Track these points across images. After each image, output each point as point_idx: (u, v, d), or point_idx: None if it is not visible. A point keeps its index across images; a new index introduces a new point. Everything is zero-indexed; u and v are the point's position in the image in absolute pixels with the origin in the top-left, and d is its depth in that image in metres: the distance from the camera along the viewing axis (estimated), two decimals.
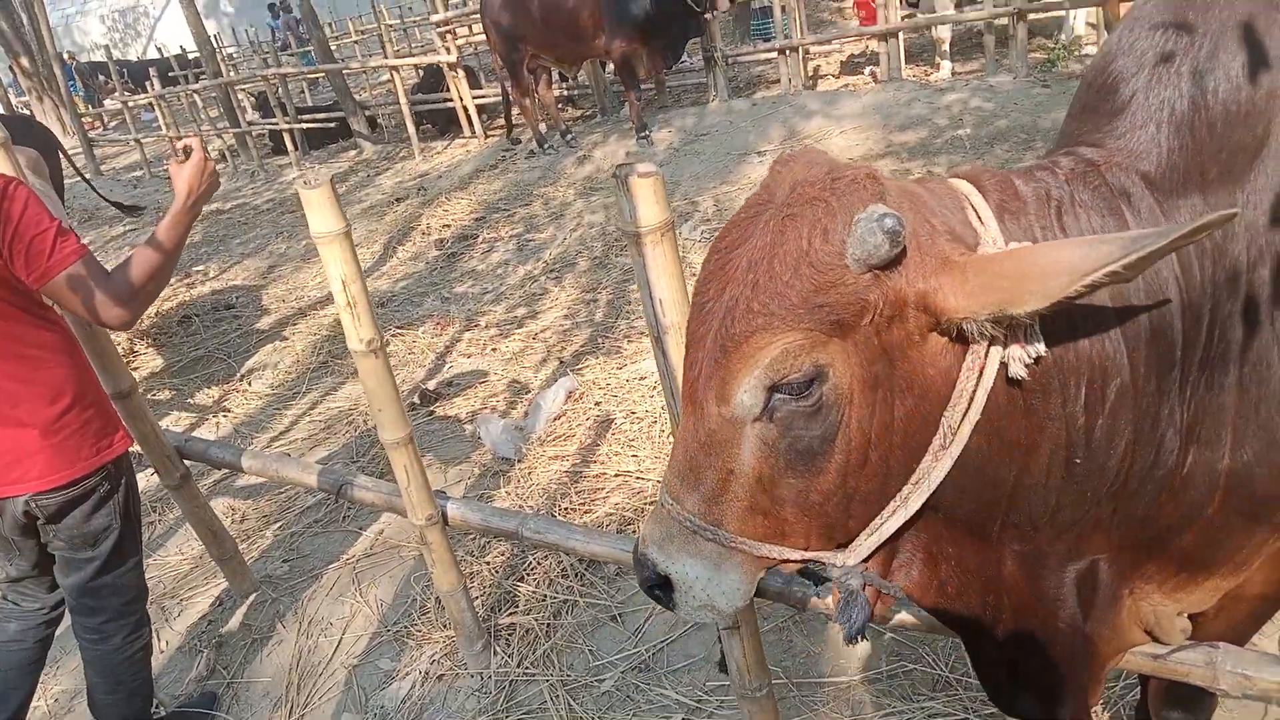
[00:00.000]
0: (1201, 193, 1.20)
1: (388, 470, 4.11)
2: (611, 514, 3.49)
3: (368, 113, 12.32)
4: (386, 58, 11.73)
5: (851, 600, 1.29)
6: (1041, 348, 1.12)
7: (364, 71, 13.79)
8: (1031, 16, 7.88)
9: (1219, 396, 1.28)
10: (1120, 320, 1.16)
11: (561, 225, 7.15)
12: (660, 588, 1.29)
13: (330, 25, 20.00)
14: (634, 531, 3.36)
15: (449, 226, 7.76)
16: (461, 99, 10.43)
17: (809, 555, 1.26)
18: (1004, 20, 7.91)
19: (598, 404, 4.32)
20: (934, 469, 1.18)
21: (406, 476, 2.48)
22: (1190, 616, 1.65)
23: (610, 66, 9.80)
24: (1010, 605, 1.41)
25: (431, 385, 4.93)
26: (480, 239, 7.31)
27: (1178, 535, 1.37)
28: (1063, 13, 8.25)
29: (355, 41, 16.59)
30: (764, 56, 10.05)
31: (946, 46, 8.90)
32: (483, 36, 13.76)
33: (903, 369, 1.15)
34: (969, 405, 1.15)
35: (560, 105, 10.11)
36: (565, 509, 3.59)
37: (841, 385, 1.14)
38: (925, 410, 1.16)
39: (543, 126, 9.36)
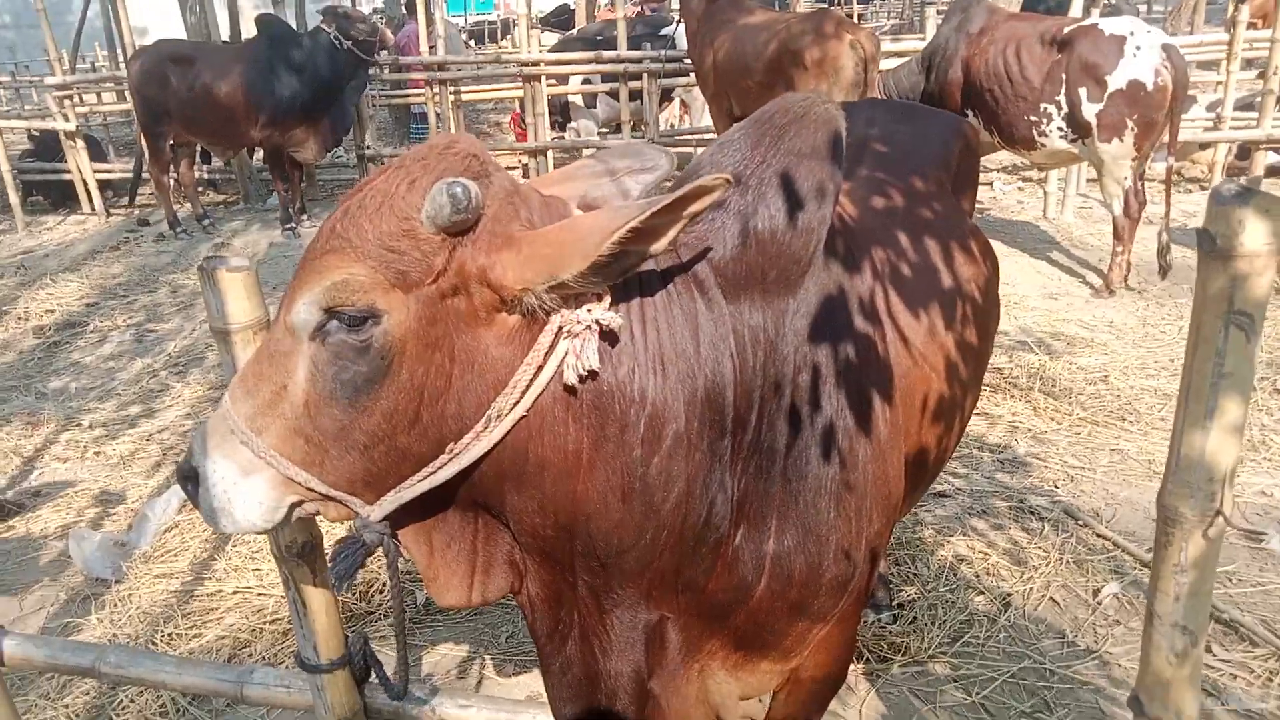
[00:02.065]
0: (762, 291, 1.37)
1: None
2: (224, 637, 3.17)
3: None
4: None
5: (350, 548, 1.36)
6: (595, 361, 1.22)
7: None
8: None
9: (767, 483, 1.43)
10: (680, 376, 1.30)
11: (191, 315, 6.59)
12: (193, 481, 1.30)
13: None
14: (250, 657, 3.07)
15: (52, 312, 6.85)
16: (80, 171, 9.39)
17: (334, 494, 1.29)
18: None
19: None
20: (471, 447, 1.25)
21: None
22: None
23: (260, 153, 9.38)
24: (581, 630, 1.49)
25: (10, 495, 4.24)
26: (91, 327, 6.52)
27: (733, 612, 1.50)
28: (690, 149, 9.25)
29: None
30: None
31: None
32: (110, 106, 12.63)
33: (464, 342, 1.23)
34: (520, 396, 1.23)
35: (200, 189, 9.44)
36: (170, 635, 3.20)
37: (394, 334, 1.20)
38: (480, 389, 1.24)
39: (181, 210, 8.67)
